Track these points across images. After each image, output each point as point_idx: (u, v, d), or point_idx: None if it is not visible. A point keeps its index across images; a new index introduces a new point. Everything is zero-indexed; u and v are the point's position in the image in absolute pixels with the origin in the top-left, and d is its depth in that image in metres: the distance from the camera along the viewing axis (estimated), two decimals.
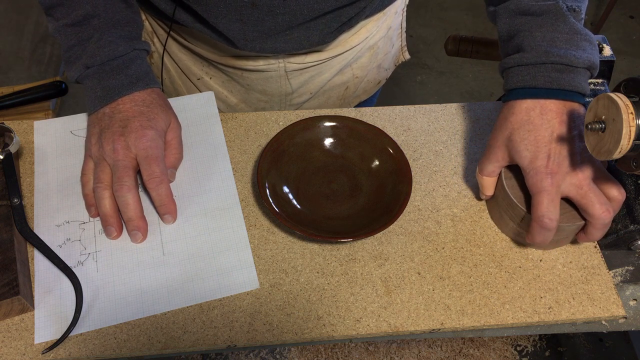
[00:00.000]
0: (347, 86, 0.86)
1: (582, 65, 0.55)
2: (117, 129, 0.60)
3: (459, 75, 2.24)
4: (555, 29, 0.57)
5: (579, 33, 0.57)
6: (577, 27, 0.58)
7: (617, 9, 2.42)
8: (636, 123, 0.46)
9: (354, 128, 0.67)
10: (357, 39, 0.80)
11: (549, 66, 0.55)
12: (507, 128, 0.57)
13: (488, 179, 0.61)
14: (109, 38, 0.62)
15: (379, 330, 0.56)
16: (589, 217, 0.55)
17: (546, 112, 0.56)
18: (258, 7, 0.66)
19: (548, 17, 0.58)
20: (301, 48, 0.74)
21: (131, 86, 0.62)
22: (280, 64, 0.77)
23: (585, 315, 0.58)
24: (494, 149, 0.59)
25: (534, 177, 0.55)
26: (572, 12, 0.58)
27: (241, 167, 0.67)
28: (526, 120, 0.56)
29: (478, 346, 0.87)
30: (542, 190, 0.54)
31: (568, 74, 0.55)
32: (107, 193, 0.59)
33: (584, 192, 0.54)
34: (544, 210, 0.54)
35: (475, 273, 0.60)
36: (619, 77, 0.54)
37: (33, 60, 2.08)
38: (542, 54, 0.56)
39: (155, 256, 0.59)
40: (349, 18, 0.72)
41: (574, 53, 0.55)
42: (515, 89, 0.58)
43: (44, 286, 0.57)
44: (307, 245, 0.61)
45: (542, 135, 0.55)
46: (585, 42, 0.57)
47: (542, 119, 0.55)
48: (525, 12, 0.59)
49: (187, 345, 0.54)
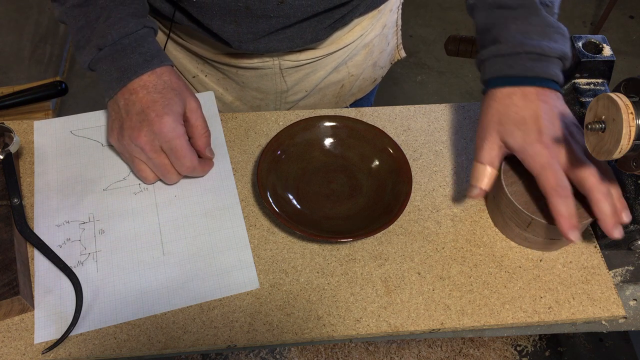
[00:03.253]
0: (342, 84, 0.87)
1: (554, 54, 0.58)
2: (135, 124, 0.59)
3: (459, 75, 2.24)
4: (530, 22, 0.60)
5: (551, 26, 0.60)
6: (550, 20, 0.60)
7: (617, 9, 2.42)
8: (636, 123, 0.46)
9: (354, 128, 0.67)
10: (351, 37, 0.80)
11: (524, 56, 0.58)
12: (494, 114, 0.59)
13: (487, 167, 0.59)
14: (118, 15, 0.61)
15: (379, 330, 0.56)
16: (587, 190, 0.55)
17: (527, 95, 0.57)
18: (252, 11, 0.66)
19: (523, 10, 0.60)
20: (295, 46, 0.74)
21: (146, 64, 0.61)
22: (275, 61, 0.78)
23: (585, 315, 0.58)
24: (487, 136, 0.59)
25: (532, 153, 0.55)
26: (545, 7, 0.61)
27: (241, 167, 0.67)
28: (510, 103, 0.58)
29: (478, 346, 0.87)
30: (544, 165, 0.55)
31: (542, 62, 0.58)
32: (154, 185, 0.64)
33: (578, 165, 0.55)
34: (553, 183, 0.54)
35: (475, 273, 0.60)
36: (619, 77, 0.54)
37: (33, 60, 2.08)
38: (517, 45, 0.58)
39: (155, 256, 0.59)
40: (342, 15, 0.72)
41: (546, 44, 0.58)
42: (493, 79, 0.60)
43: (44, 286, 0.57)
44: (307, 245, 0.61)
45: (529, 115, 0.57)
46: (558, 35, 0.59)
47: (524, 100, 0.57)
48: (501, 5, 0.61)
49: (187, 345, 0.54)
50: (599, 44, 0.71)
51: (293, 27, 0.70)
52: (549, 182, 0.54)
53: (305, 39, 0.73)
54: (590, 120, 0.49)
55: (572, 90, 0.71)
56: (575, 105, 0.70)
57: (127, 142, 0.60)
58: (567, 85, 0.72)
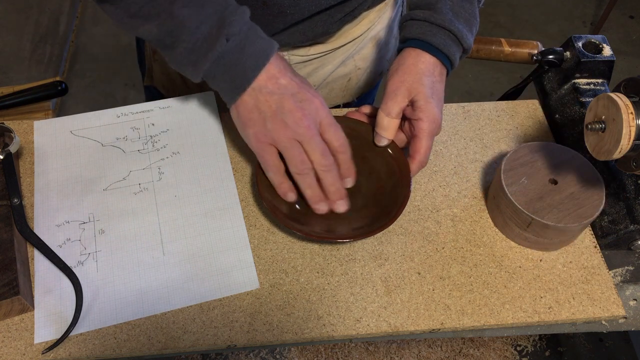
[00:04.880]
0: (349, 78, 0.87)
1: (465, 45, 0.64)
2: (293, 105, 0.56)
3: (459, 75, 2.24)
4: (462, 6, 0.65)
5: (475, 18, 0.66)
6: (476, 12, 0.66)
7: (617, 9, 2.42)
8: (636, 123, 0.46)
9: (354, 128, 0.67)
10: (359, 30, 0.81)
11: (447, 33, 0.63)
12: (409, 73, 0.62)
13: (395, 120, 0.63)
14: (233, 9, 0.57)
15: (379, 330, 0.56)
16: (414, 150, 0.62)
17: (435, 65, 0.63)
18: (269, 7, 0.66)
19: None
20: (305, 40, 0.75)
21: (272, 47, 0.57)
22: (285, 56, 0.78)
23: (585, 315, 0.58)
24: (398, 90, 0.62)
25: (431, 120, 0.61)
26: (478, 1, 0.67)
27: (241, 167, 0.67)
28: (424, 69, 0.63)
29: (478, 346, 0.87)
30: (431, 136, 0.61)
31: (455, 46, 0.64)
32: (312, 175, 0.58)
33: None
34: (428, 153, 0.62)
35: (475, 273, 0.60)
36: (619, 77, 0.54)
37: (33, 60, 2.08)
38: (447, 21, 0.63)
39: (155, 256, 0.59)
40: (352, 9, 0.73)
41: (466, 33, 0.64)
42: (414, 39, 0.64)
43: (44, 286, 0.57)
44: (307, 245, 0.61)
45: (439, 87, 0.63)
46: (474, 28, 0.66)
47: (433, 67, 0.63)
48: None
49: (187, 345, 0.54)
50: (599, 44, 0.71)
51: (305, 22, 0.71)
52: (425, 152, 0.61)
53: (315, 33, 0.74)
54: (590, 120, 0.49)
55: (572, 90, 0.72)
56: (575, 105, 0.70)
57: (289, 122, 0.56)
58: (567, 85, 0.72)
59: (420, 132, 0.61)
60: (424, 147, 0.61)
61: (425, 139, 0.61)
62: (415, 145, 0.62)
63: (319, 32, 0.74)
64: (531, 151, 0.63)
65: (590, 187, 0.60)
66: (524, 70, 1.76)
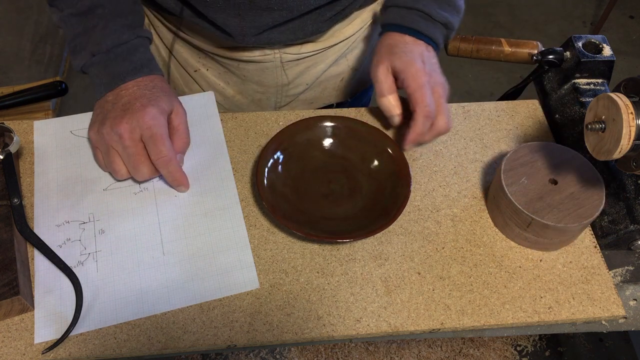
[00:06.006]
0: (342, 77, 0.87)
1: (439, 19, 0.68)
2: (118, 113, 0.60)
3: (459, 75, 2.24)
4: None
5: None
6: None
7: (617, 9, 2.42)
8: (636, 123, 0.46)
9: (354, 128, 0.67)
10: (351, 29, 0.81)
11: (414, 12, 0.68)
12: (387, 48, 0.68)
13: (391, 96, 0.67)
14: (113, 27, 0.64)
15: (379, 330, 0.56)
16: (420, 113, 0.64)
17: (415, 42, 0.68)
18: (255, 3, 0.67)
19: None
20: (296, 39, 0.75)
21: (135, 72, 0.63)
22: (276, 54, 0.78)
23: (585, 315, 0.58)
24: (379, 66, 0.66)
25: (413, 72, 0.64)
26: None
27: (241, 167, 0.67)
28: (401, 41, 0.68)
29: (478, 346, 0.87)
30: (424, 85, 0.63)
31: (427, 22, 0.68)
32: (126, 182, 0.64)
33: (438, 98, 0.65)
34: (427, 100, 0.63)
35: (475, 273, 0.60)
36: (619, 77, 0.54)
37: (33, 60, 2.08)
38: (412, 2, 0.68)
39: (155, 256, 0.59)
40: (343, 7, 0.74)
41: (435, 9, 0.68)
42: (389, 25, 0.70)
43: (44, 286, 0.57)
44: (307, 245, 0.61)
45: (416, 51, 0.67)
46: (449, 7, 0.70)
47: (413, 45, 0.68)
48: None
49: (187, 345, 0.54)
50: (599, 44, 0.71)
51: (295, 20, 0.71)
52: (422, 99, 0.63)
53: (306, 32, 0.74)
54: (590, 120, 0.49)
55: (572, 90, 0.72)
56: (575, 105, 0.70)
57: (107, 130, 0.60)
58: (567, 85, 0.72)
59: (409, 89, 0.64)
60: (420, 97, 0.63)
61: (417, 91, 0.63)
62: (412, 101, 0.64)
63: (310, 31, 0.74)
64: (531, 151, 0.63)
65: (590, 187, 0.60)
66: (524, 70, 1.76)
